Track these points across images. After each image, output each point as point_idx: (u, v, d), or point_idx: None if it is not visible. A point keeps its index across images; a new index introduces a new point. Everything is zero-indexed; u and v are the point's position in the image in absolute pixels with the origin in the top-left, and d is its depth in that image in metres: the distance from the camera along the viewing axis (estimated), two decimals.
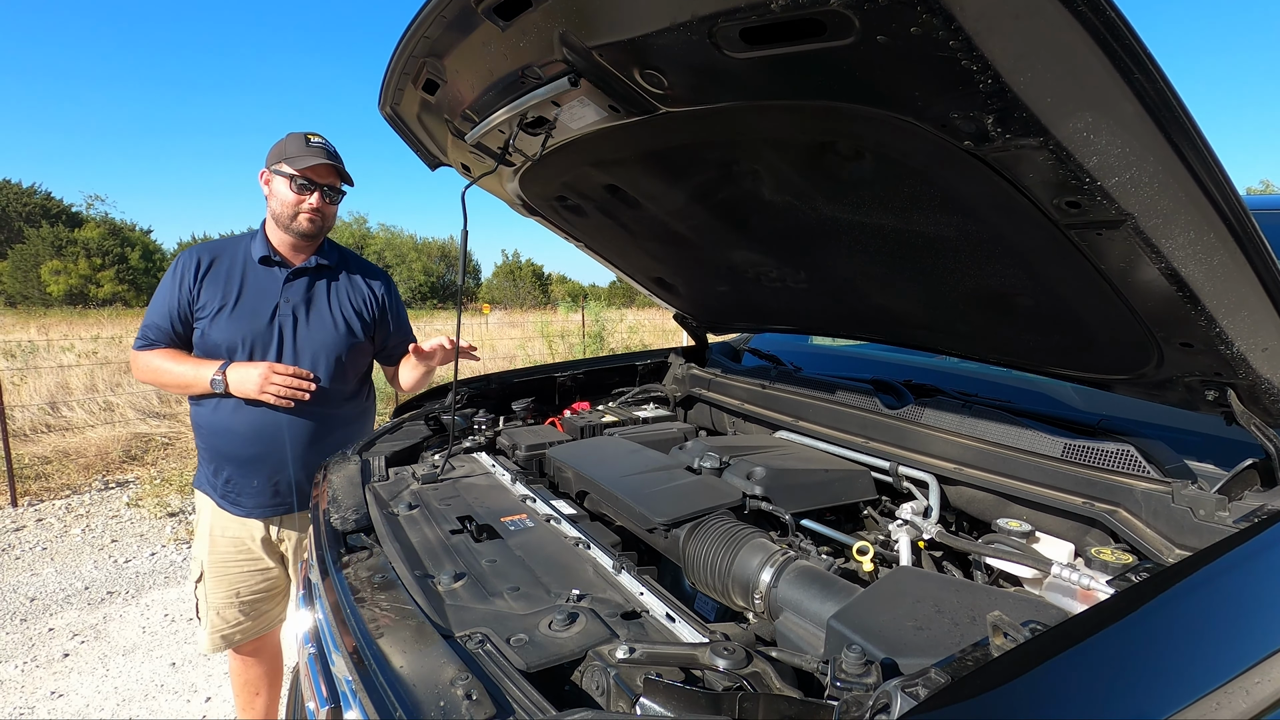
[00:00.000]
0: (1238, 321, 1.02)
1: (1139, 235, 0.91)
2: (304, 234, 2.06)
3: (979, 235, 1.16)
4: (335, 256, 2.19)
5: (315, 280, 2.12)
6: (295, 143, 2.05)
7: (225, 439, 2.02)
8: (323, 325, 2.09)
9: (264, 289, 2.04)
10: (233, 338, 1.99)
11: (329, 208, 2.09)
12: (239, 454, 2.02)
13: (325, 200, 2.06)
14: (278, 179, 2.04)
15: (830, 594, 1.16)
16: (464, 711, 0.83)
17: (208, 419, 2.04)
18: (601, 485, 1.63)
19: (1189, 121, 0.79)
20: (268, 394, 1.94)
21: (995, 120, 0.82)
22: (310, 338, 2.06)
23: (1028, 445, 1.45)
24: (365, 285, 2.23)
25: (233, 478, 2.04)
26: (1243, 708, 0.78)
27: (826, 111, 0.99)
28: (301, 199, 2.03)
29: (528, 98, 1.24)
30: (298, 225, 2.04)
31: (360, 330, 2.15)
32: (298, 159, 2.00)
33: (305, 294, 2.09)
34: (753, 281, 1.94)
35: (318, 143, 2.07)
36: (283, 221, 2.05)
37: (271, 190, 2.06)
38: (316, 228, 2.07)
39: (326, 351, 2.08)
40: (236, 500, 2.06)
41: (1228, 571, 0.92)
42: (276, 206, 2.04)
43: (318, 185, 2.04)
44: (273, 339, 2.02)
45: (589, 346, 12.61)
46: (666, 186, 1.57)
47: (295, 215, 2.03)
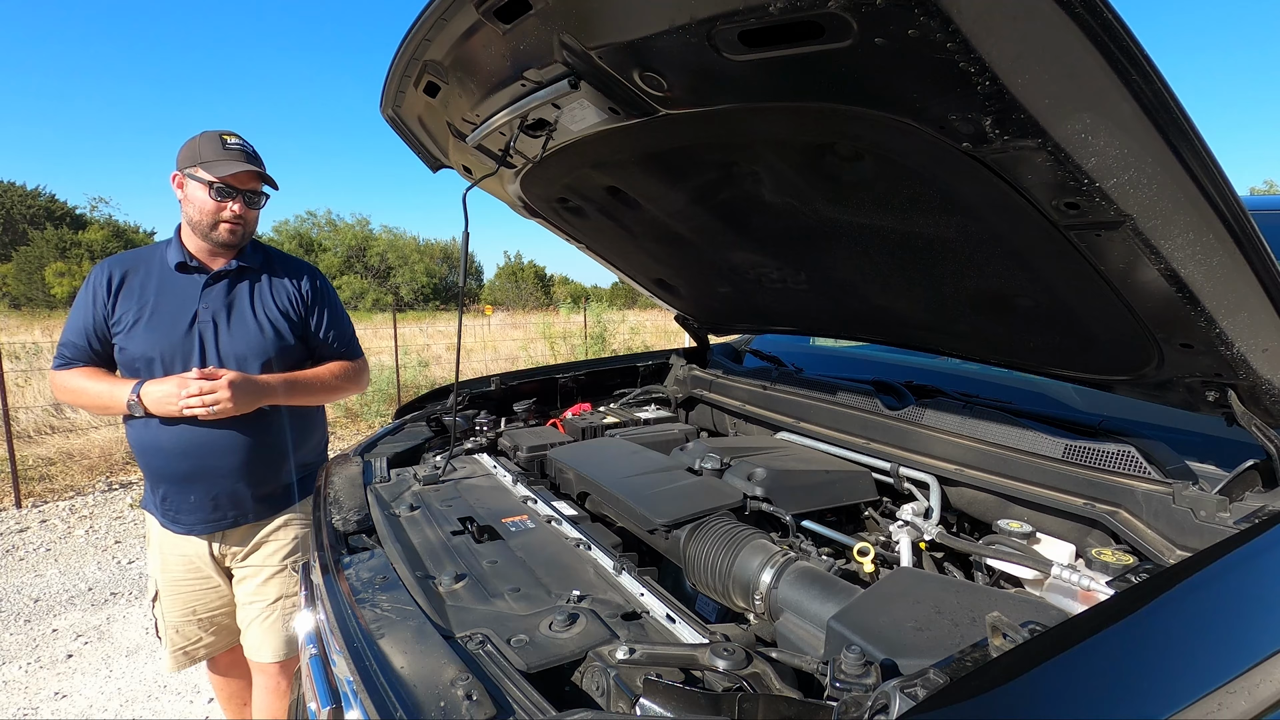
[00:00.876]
0: (1237, 322, 1.01)
1: (1138, 236, 0.91)
2: (224, 244, 1.93)
3: (979, 236, 1.16)
4: (258, 257, 2.04)
5: (236, 283, 1.97)
6: (210, 145, 1.88)
7: (157, 457, 1.88)
8: (246, 330, 1.93)
9: (181, 297, 1.89)
10: (150, 350, 1.85)
11: (250, 213, 1.96)
12: (172, 471, 1.88)
13: (246, 206, 1.93)
14: (193, 184, 1.87)
15: (830, 595, 1.17)
16: (464, 712, 0.83)
17: (138, 437, 1.91)
18: (603, 486, 1.63)
19: (1187, 122, 0.80)
20: (189, 409, 1.77)
21: (993, 122, 0.82)
22: (233, 344, 1.91)
23: (1028, 446, 1.45)
24: (290, 283, 2.06)
25: (169, 495, 1.92)
26: (1244, 708, 0.79)
27: (826, 113, 1.00)
28: (221, 206, 1.88)
29: (528, 100, 1.25)
30: (218, 235, 1.90)
31: (289, 331, 2.01)
32: (215, 164, 1.86)
33: (226, 299, 1.93)
34: (754, 283, 1.94)
35: (235, 145, 1.90)
36: (201, 229, 1.90)
37: (186, 195, 1.89)
38: (238, 237, 1.94)
39: (253, 357, 1.93)
40: (176, 518, 1.94)
41: (1228, 572, 0.91)
42: (193, 213, 1.89)
43: (238, 191, 1.89)
44: (193, 349, 1.87)
45: (591, 348, 12.62)
46: (667, 188, 1.58)
47: (215, 224, 1.89)
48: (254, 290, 1.99)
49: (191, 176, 1.86)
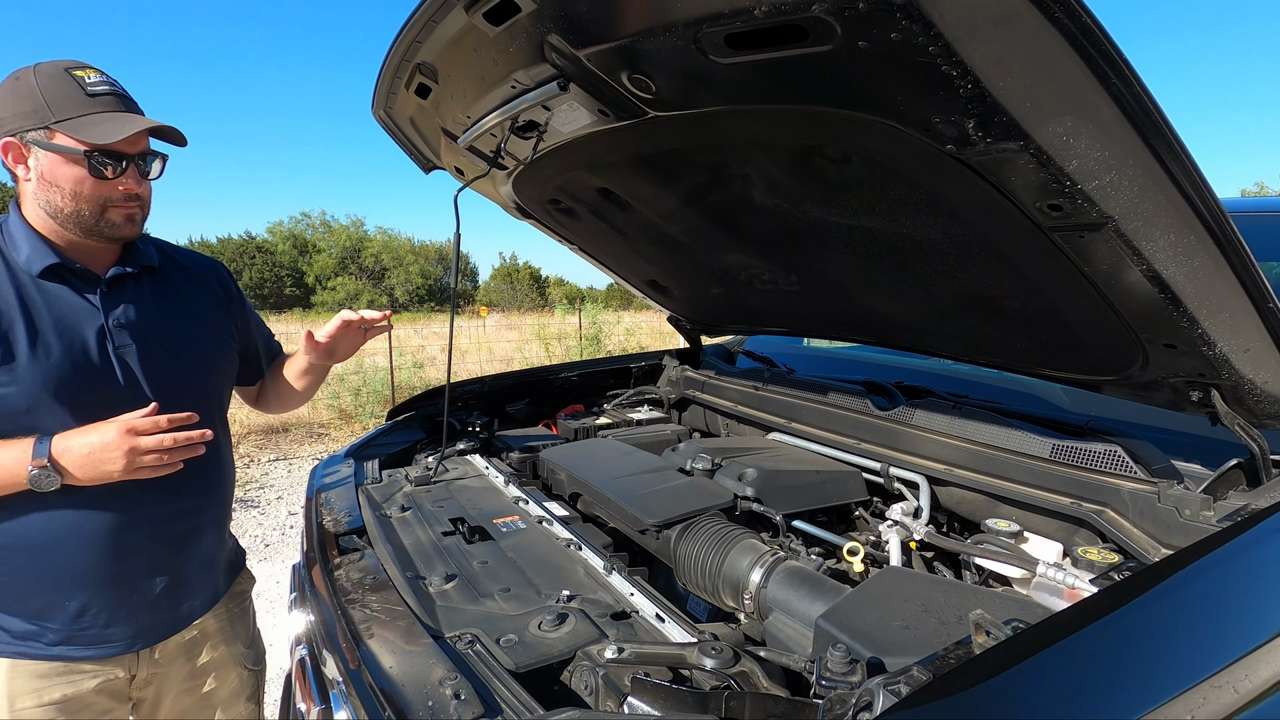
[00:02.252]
0: (1220, 322, 1.03)
1: (1120, 238, 0.92)
2: (120, 237, 1.30)
3: (965, 238, 1.17)
4: (153, 249, 1.44)
5: (143, 288, 1.37)
6: (66, 90, 1.20)
7: (71, 552, 1.24)
8: (181, 347, 1.39)
9: (70, 313, 1.26)
10: (39, 394, 1.19)
11: (147, 187, 1.32)
12: (99, 568, 1.26)
13: (139, 178, 1.28)
14: (50, 157, 1.20)
15: (819, 594, 1.17)
16: (452, 711, 0.84)
17: (25, 533, 1.22)
18: (594, 487, 1.64)
19: (1166, 126, 0.81)
20: (143, 469, 1.20)
21: (976, 125, 0.83)
22: (170, 369, 1.35)
23: (1017, 446, 1.46)
24: (212, 281, 1.54)
25: (92, 607, 1.28)
26: (1227, 702, 0.79)
27: (812, 116, 1.01)
28: (109, 186, 1.24)
29: (518, 102, 1.25)
30: (110, 228, 1.27)
31: (228, 342, 1.51)
32: (87, 124, 1.20)
33: (140, 309, 1.34)
34: (745, 284, 1.95)
35: (102, 86, 1.24)
36: (78, 220, 1.25)
37: (42, 174, 1.21)
38: (138, 223, 1.32)
39: (195, 382, 1.41)
40: (102, 637, 1.30)
41: (1210, 569, 0.92)
42: (60, 200, 1.22)
43: (130, 158, 1.25)
44: (113, 382, 1.27)
45: (586, 349, 12.62)
46: (658, 190, 1.58)
47: (102, 212, 1.25)
48: (173, 295, 1.43)
49: (45, 146, 1.19)
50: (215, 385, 1.47)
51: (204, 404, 1.39)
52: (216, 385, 1.48)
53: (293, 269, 37.20)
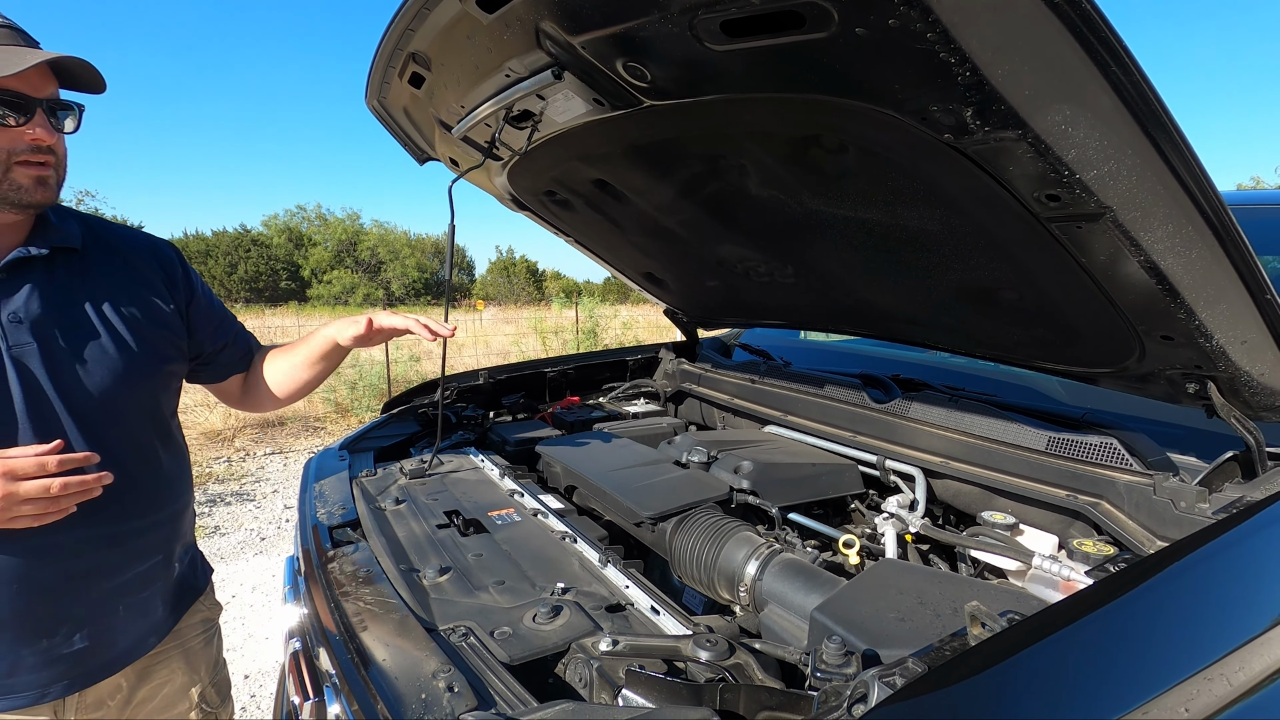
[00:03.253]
0: (1216, 314, 1.02)
1: (1118, 228, 0.92)
2: (31, 203, 1.09)
3: (962, 229, 1.16)
4: (74, 227, 1.21)
5: (54, 275, 1.15)
6: None
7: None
8: (103, 348, 1.16)
9: None
10: None
11: (61, 143, 1.12)
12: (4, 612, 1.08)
13: (51, 128, 1.09)
14: None
15: (814, 586, 1.17)
16: (445, 704, 0.83)
17: None
18: (589, 479, 1.63)
19: (1166, 115, 0.80)
20: (21, 519, 0.99)
21: (974, 113, 0.82)
22: (89, 376, 1.13)
23: (1013, 439, 1.46)
24: (147, 265, 1.28)
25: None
26: (1221, 694, 0.79)
27: (809, 104, 0.99)
28: (14, 133, 1.04)
29: (512, 91, 1.24)
30: (16, 192, 1.06)
31: (166, 341, 1.26)
32: None
33: (46, 302, 1.12)
34: (741, 276, 1.94)
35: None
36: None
37: None
38: (50, 187, 1.11)
39: (122, 391, 1.17)
40: (5, 688, 1.11)
41: (1205, 561, 0.92)
42: None
43: (35, 102, 1.06)
44: (10, 397, 1.06)
45: (583, 343, 12.60)
46: (654, 181, 1.57)
47: (4, 171, 1.05)
48: (92, 283, 1.19)
49: None
50: (147, 391, 1.23)
51: (131, 414, 1.19)
52: (150, 392, 1.23)
53: (288, 262, 37.05)
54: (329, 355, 1.47)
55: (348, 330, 1.44)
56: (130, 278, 1.25)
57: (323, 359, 1.47)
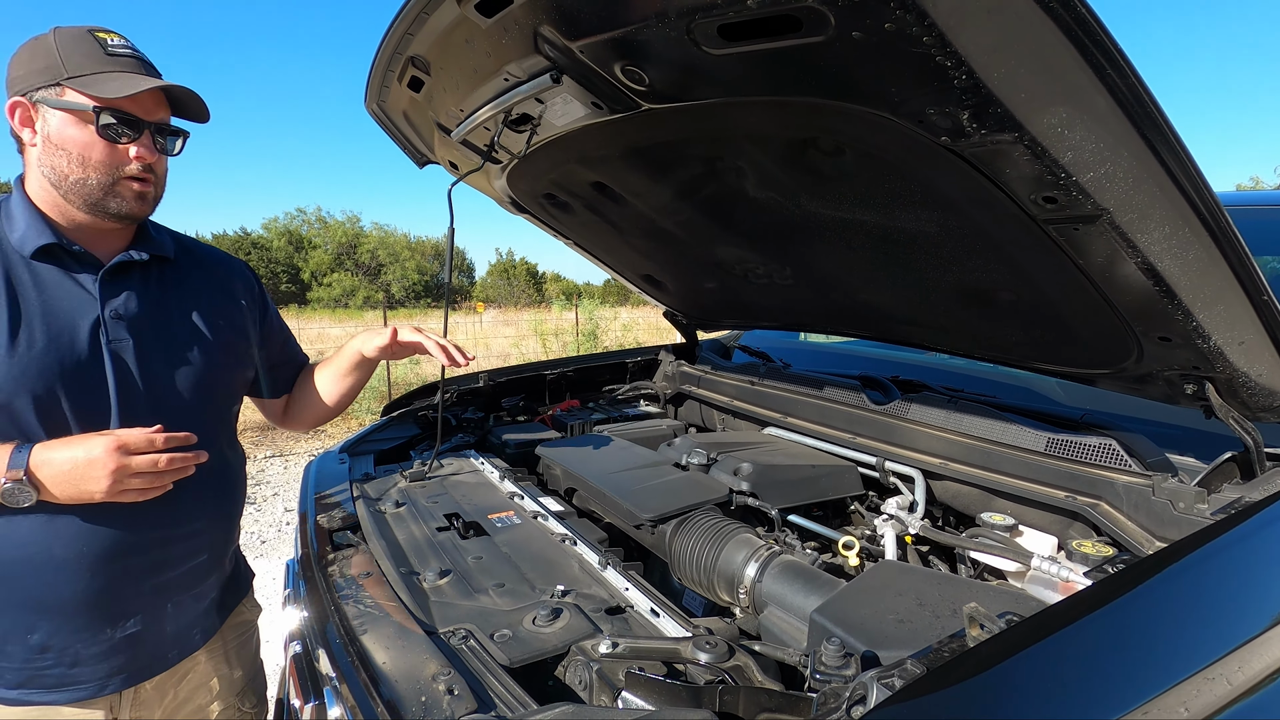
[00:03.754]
0: (1214, 315, 1.02)
1: (1115, 230, 0.92)
2: (128, 215, 1.17)
3: (960, 231, 1.17)
4: (167, 241, 1.31)
5: (149, 280, 1.25)
6: (83, 48, 1.11)
7: (37, 576, 1.10)
8: (185, 350, 1.24)
9: (62, 300, 1.13)
10: (20, 393, 1.06)
11: (162, 163, 1.21)
12: (68, 596, 1.11)
13: (158, 150, 1.18)
14: (59, 116, 1.10)
15: (814, 588, 1.17)
16: (445, 707, 0.83)
17: None
18: (589, 482, 1.63)
19: (1161, 117, 0.80)
20: (129, 492, 1.08)
21: (970, 116, 0.83)
22: (170, 372, 1.21)
23: (1012, 440, 1.46)
24: (229, 280, 1.40)
25: (56, 641, 1.12)
26: (1221, 694, 0.79)
27: (806, 107, 1.00)
28: (119, 152, 1.12)
29: (511, 94, 1.25)
30: (118, 203, 1.15)
31: (240, 349, 1.37)
32: (100, 80, 1.09)
33: (142, 303, 1.21)
34: (740, 278, 1.94)
35: (122, 49, 1.15)
36: (83, 191, 1.13)
37: (49, 137, 1.11)
38: (149, 202, 1.19)
39: (196, 391, 1.25)
40: (66, 679, 1.14)
41: (1203, 562, 0.92)
42: (66, 165, 1.11)
43: (145, 125, 1.14)
44: (105, 386, 1.13)
45: (583, 345, 12.61)
46: (652, 183, 1.58)
47: (113, 182, 1.13)
48: (183, 290, 1.29)
49: (54, 104, 1.09)
50: (222, 394, 1.32)
51: (207, 413, 1.27)
52: (224, 394, 1.33)
53: (288, 265, 37.06)
54: (358, 367, 1.52)
55: (373, 341, 1.49)
56: (215, 289, 1.36)
57: (352, 371, 1.53)
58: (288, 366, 1.55)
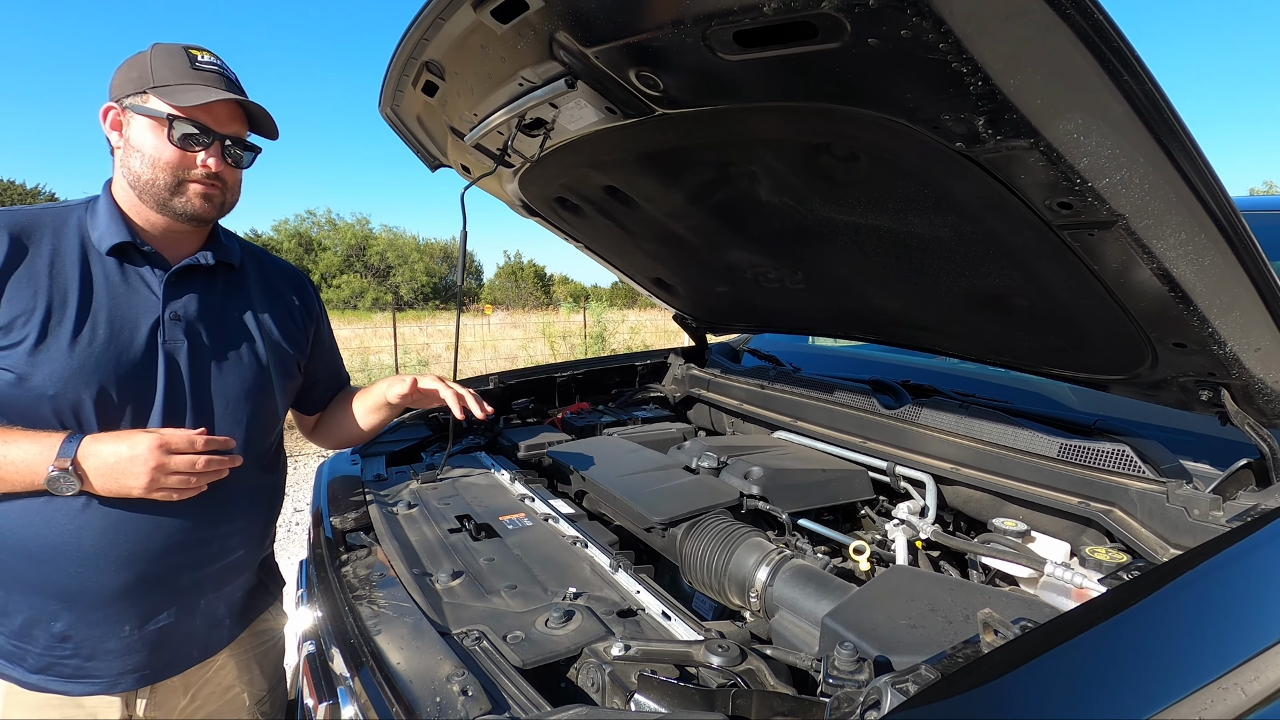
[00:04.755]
0: (1230, 321, 1.02)
1: (1131, 236, 0.92)
2: (194, 215, 1.22)
3: (974, 236, 1.17)
4: (236, 249, 1.38)
5: (214, 285, 1.30)
6: (171, 62, 1.19)
7: (64, 565, 1.12)
8: (239, 357, 1.29)
9: (128, 298, 1.18)
10: (77, 385, 1.10)
11: (233, 174, 1.26)
12: (100, 589, 1.14)
13: (228, 161, 1.24)
14: (141, 121, 1.18)
15: (825, 592, 1.17)
16: (460, 707, 0.84)
17: (24, 531, 1.12)
18: (600, 485, 1.64)
19: (1178, 123, 0.80)
20: (166, 489, 1.12)
21: (986, 122, 0.83)
22: (222, 378, 1.26)
23: (1024, 445, 1.46)
24: (289, 292, 1.45)
25: (76, 633, 1.14)
26: (1236, 703, 0.79)
27: (820, 113, 1.00)
28: (188, 158, 1.19)
29: (526, 99, 1.26)
30: (183, 203, 1.21)
31: (293, 361, 1.40)
32: (180, 90, 1.16)
33: (203, 307, 1.26)
34: (751, 282, 1.95)
35: (210, 64, 1.22)
36: (154, 191, 1.19)
37: (129, 139, 1.19)
38: (214, 206, 1.24)
39: (246, 398, 1.29)
40: (82, 671, 1.16)
41: (1219, 570, 0.92)
42: (141, 167, 1.18)
43: (217, 136, 1.21)
44: (154, 384, 1.17)
45: (591, 347, 12.63)
46: (664, 187, 1.58)
47: (179, 184, 1.19)
48: (242, 298, 1.34)
49: (138, 110, 1.17)
50: (268, 402, 1.33)
51: (250, 419, 1.29)
52: (269, 402, 1.33)
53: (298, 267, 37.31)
54: (384, 408, 1.58)
55: (394, 388, 1.54)
56: (274, 299, 1.41)
57: (377, 411, 1.58)
58: (330, 384, 1.59)
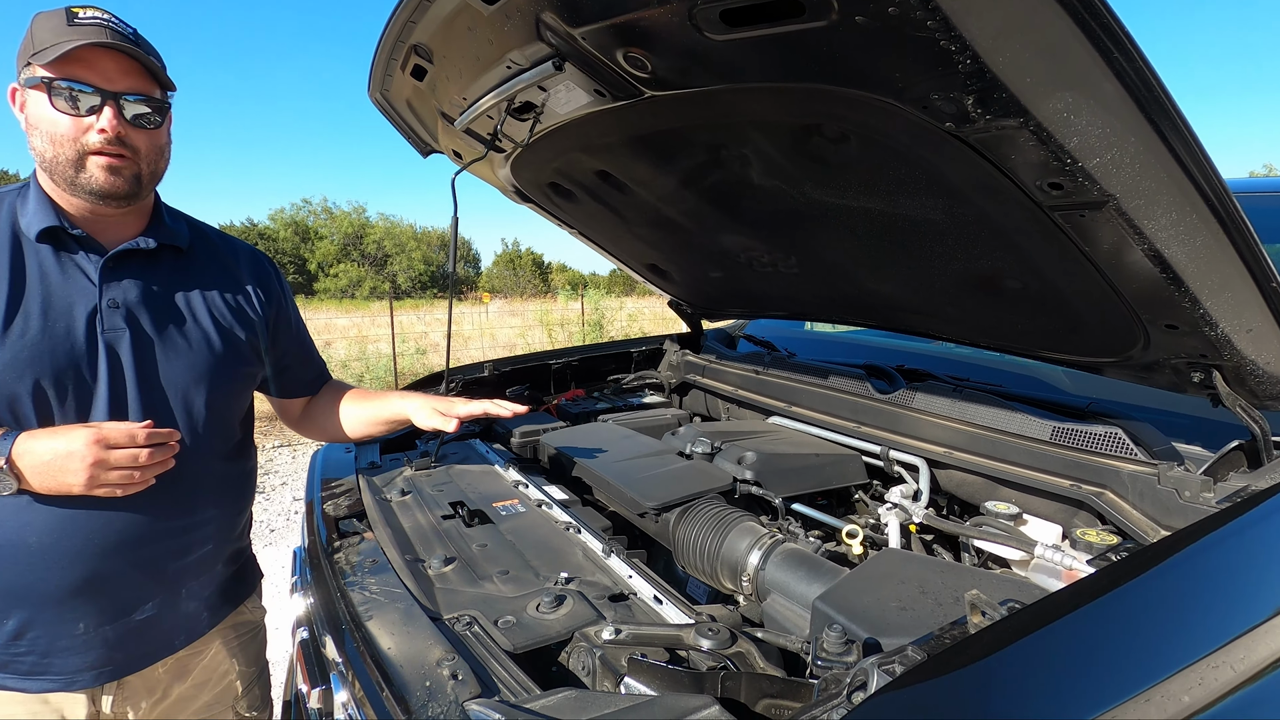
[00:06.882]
0: (1221, 303, 1.02)
1: (1121, 216, 0.91)
2: (103, 192, 1.10)
3: (965, 218, 1.16)
4: (182, 229, 1.27)
5: (156, 270, 1.20)
6: (51, 23, 1.06)
7: (11, 564, 1.08)
8: (186, 343, 1.20)
9: (63, 286, 1.11)
10: (10, 379, 1.05)
11: (143, 138, 1.12)
12: (48, 587, 1.09)
13: (127, 122, 1.09)
14: (33, 95, 1.07)
15: (816, 576, 1.18)
16: (450, 691, 0.84)
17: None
18: (594, 471, 1.64)
19: (1169, 102, 0.79)
20: (106, 487, 1.06)
21: (975, 101, 0.82)
22: (169, 366, 1.18)
23: (1017, 429, 1.46)
24: (245, 274, 1.34)
25: (30, 630, 1.11)
26: (1224, 681, 0.79)
27: (809, 94, 0.99)
28: (83, 123, 1.06)
29: (514, 82, 1.24)
30: (88, 179, 1.09)
31: (248, 346, 1.30)
32: (53, 50, 1.03)
33: (145, 293, 1.17)
34: (745, 267, 1.94)
35: (91, 18, 1.06)
36: (60, 170, 1.08)
37: (28, 117, 1.09)
38: (127, 179, 1.11)
39: (197, 386, 1.20)
40: (39, 668, 1.12)
41: (1208, 550, 0.92)
42: (43, 144, 1.08)
43: (107, 94, 1.06)
44: (96, 376, 1.11)
45: (589, 335, 12.62)
46: (656, 171, 1.57)
47: (80, 158, 1.07)
48: (190, 282, 1.24)
49: (28, 83, 1.07)
50: (221, 392, 1.25)
51: (206, 409, 1.22)
52: (224, 393, 1.26)
53: (295, 255, 37.18)
54: (395, 423, 1.51)
55: (430, 420, 1.45)
56: (226, 282, 1.30)
57: (388, 423, 1.52)
58: (301, 369, 1.49)
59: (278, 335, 1.39)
